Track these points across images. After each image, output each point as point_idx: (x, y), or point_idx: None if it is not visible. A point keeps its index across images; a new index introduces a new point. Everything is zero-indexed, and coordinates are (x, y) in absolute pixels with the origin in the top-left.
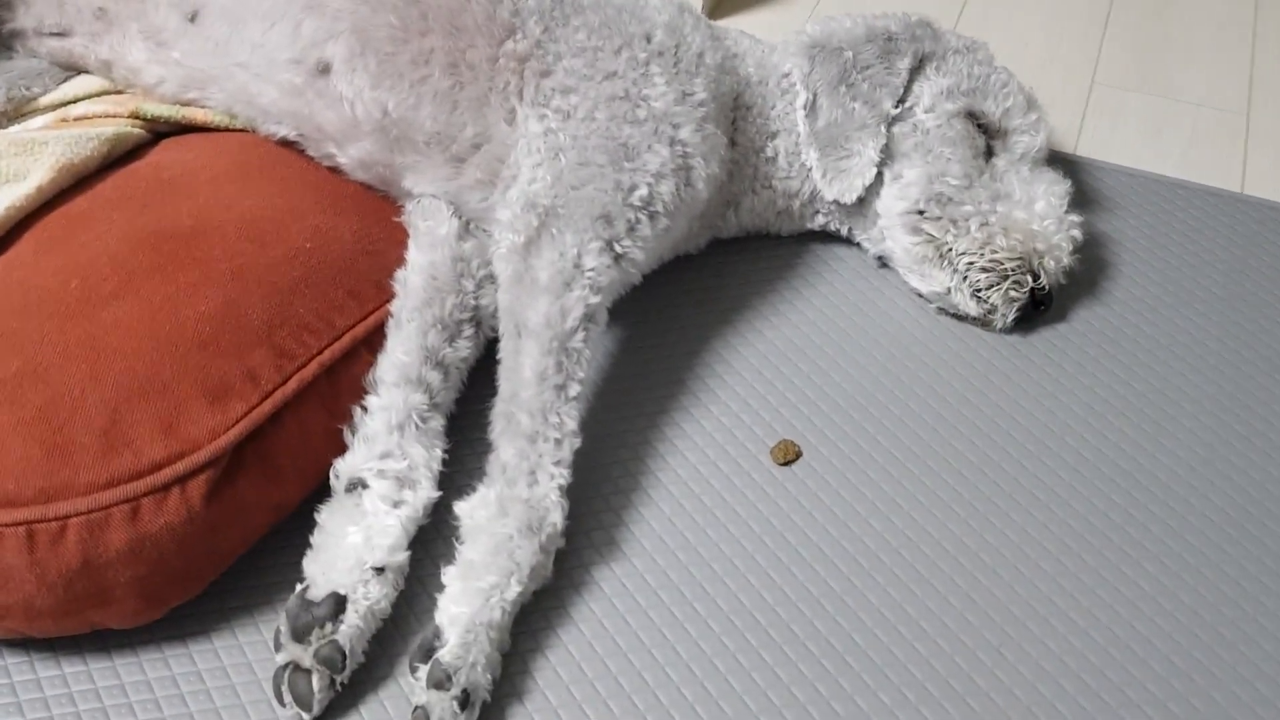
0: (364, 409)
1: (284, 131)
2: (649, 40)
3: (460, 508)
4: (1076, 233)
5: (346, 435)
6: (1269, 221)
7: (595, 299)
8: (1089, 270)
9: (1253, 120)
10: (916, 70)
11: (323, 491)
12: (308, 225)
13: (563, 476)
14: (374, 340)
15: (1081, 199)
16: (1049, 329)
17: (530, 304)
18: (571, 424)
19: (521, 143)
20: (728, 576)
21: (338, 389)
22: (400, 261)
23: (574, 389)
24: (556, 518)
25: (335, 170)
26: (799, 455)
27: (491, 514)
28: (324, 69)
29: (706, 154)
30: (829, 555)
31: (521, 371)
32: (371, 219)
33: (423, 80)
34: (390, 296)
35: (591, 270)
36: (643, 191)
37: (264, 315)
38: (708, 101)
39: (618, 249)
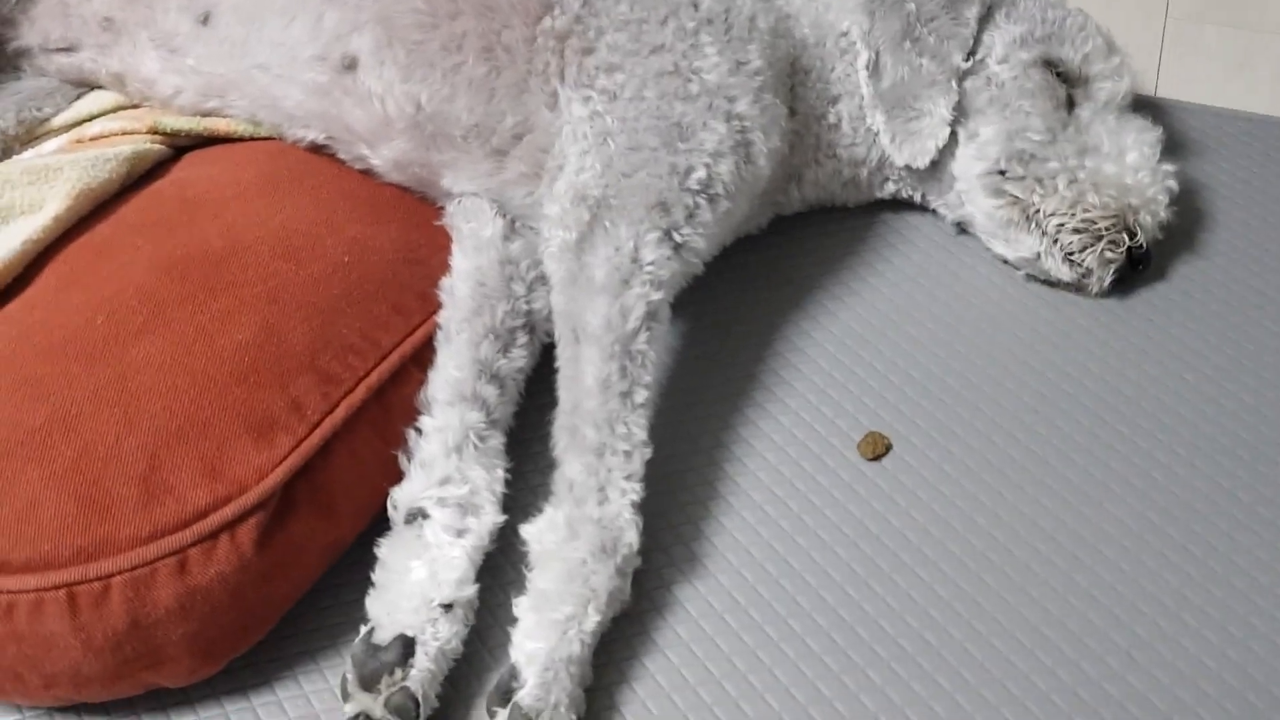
0: (418, 431)
1: (312, 135)
2: (696, 7)
3: (527, 531)
4: (1172, 183)
5: (402, 461)
6: None
7: (657, 295)
8: (1185, 222)
9: None
10: (985, 19)
11: (380, 523)
12: (345, 237)
13: (635, 492)
14: (423, 357)
15: (1169, 145)
16: (1148, 289)
17: (588, 305)
18: (641, 434)
19: (566, 129)
20: (823, 589)
21: (389, 412)
22: (444, 268)
23: (641, 395)
24: (632, 537)
25: (369, 174)
26: (889, 448)
27: (561, 537)
28: (350, 64)
29: (766, 126)
30: (932, 558)
31: (583, 380)
32: (411, 225)
33: (456, 68)
34: (436, 307)
35: (651, 264)
36: (700, 174)
37: (305, 339)
38: (764, 70)
39: (677, 238)
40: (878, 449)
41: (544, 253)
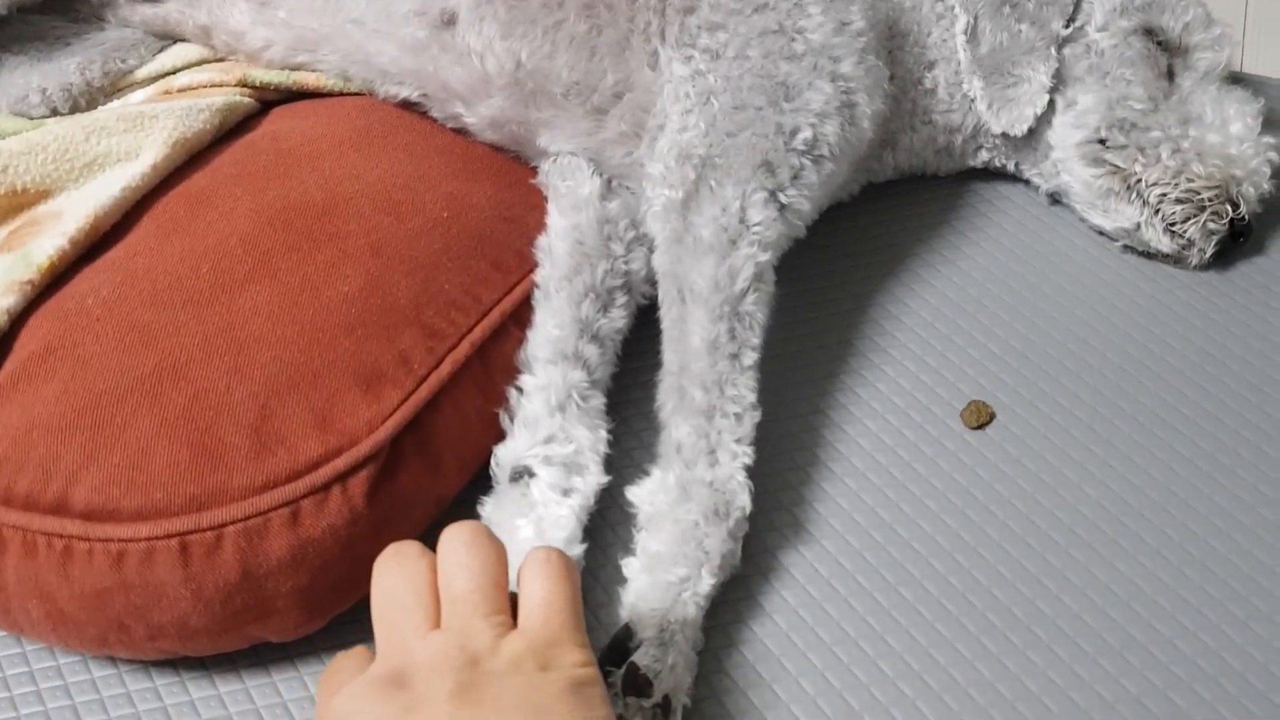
0: (519, 390)
1: (405, 92)
2: None
3: (636, 494)
4: (1274, 155)
5: (504, 419)
6: None
7: (764, 256)
8: None
9: None
10: None
11: (477, 481)
12: (442, 193)
13: (746, 455)
14: (522, 315)
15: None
16: (1247, 263)
17: (694, 266)
18: (750, 396)
19: (668, 88)
20: (932, 556)
21: (490, 370)
22: (540, 227)
23: (749, 357)
24: (744, 500)
25: (461, 132)
26: (993, 417)
27: (673, 499)
28: (449, 20)
29: (870, 88)
30: (1043, 527)
31: (690, 341)
32: (505, 183)
33: (558, 25)
34: (533, 266)
35: (758, 224)
36: (806, 134)
37: (410, 293)
38: (866, 30)
39: (783, 199)
40: (981, 417)
41: (647, 212)
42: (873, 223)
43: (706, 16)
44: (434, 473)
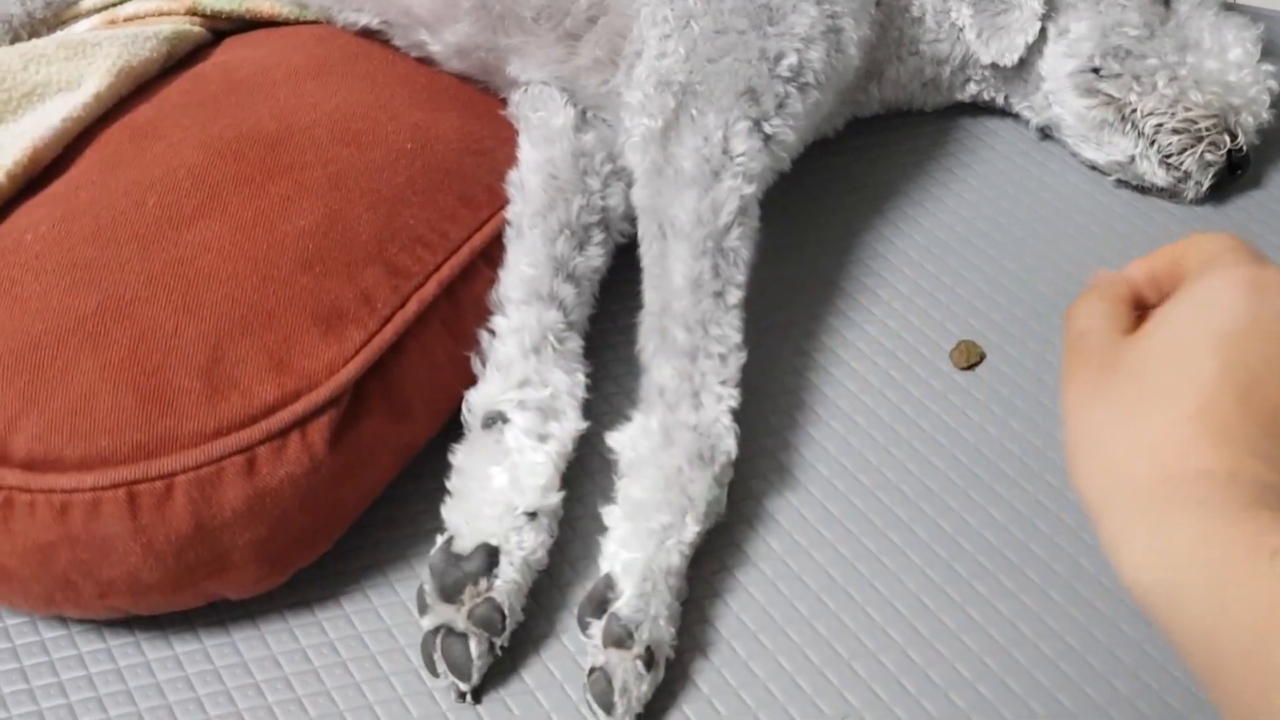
0: (491, 332)
1: (365, 19)
2: None
3: (616, 439)
4: (1274, 84)
5: (475, 363)
6: None
7: (749, 189)
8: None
9: None
10: None
11: (448, 429)
12: (405, 123)
13: (732, 397)
14: (493, 253)
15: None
16: (1243, 197)
17: (676, 199)
18: (735, 336)
19: (645, 12)
20: (921, 500)
21: (460, 310)
22: (511, 161)
23: (734, 295)
24: (730, 444)
25: (425, 61)
26: (983, 357)
27: (656, 444)
28: None
29: (856, 13)
30: (1035, 469)
31: (672, 279)
32: (473, 114)
33: None
34: (505, 201)
35: (742, 155)
36: (791, 59)
37: (371, 228)
38: None
39: (767, 129)
40: (971, 358)
41: (625, 144)
42: (858, 160)
43: None
44: (401, 418)
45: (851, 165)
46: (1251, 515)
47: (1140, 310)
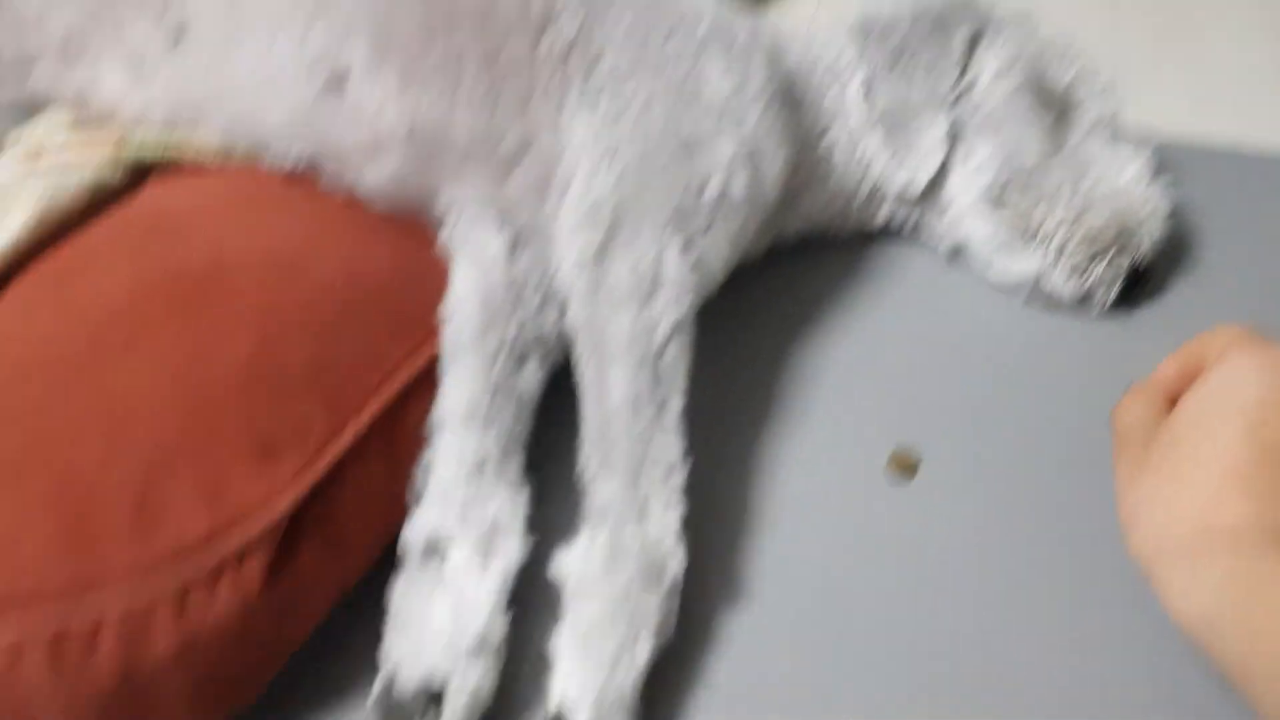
0: (429, 458)
1: (295, 156)
2: (698, 26)
3: (562, 560)
4: (1165, 202)
5: (413, 490)
6: None
7: (683, 306)
8: (1174, 243)
9: None
10: (972, 44)
11: (387, 560)
12: (337, 256)
13: (677, 510)
14: (428, 379)
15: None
16: (1148, 309)
17: (611, 318)
18: (677, 450)
19: (575, 140)
20: (867, 611)
21: (396, 438)
22: (444, 288)
23: (673, 411)
24: (677, 560)
25: (355, 195)
26: (918, 464)
27: (602, 565)
28: (341, 78)
29: (774, 142)
30: (976, 575)
31: (610, 398)
32: (405, 244)
33: (456, 81)
34: (439, 328)
35: (674, 275)
36: (715, 185)
37: (305, 357)
38: (767, 86)
39: (697, 249)
40: (908, 466)
41: (560, 266)
42: (780, 286)
43: (609, 72)
44: (338, 551)
45: (776, 290)
46: (1277, 553)
47: (1173, 402)
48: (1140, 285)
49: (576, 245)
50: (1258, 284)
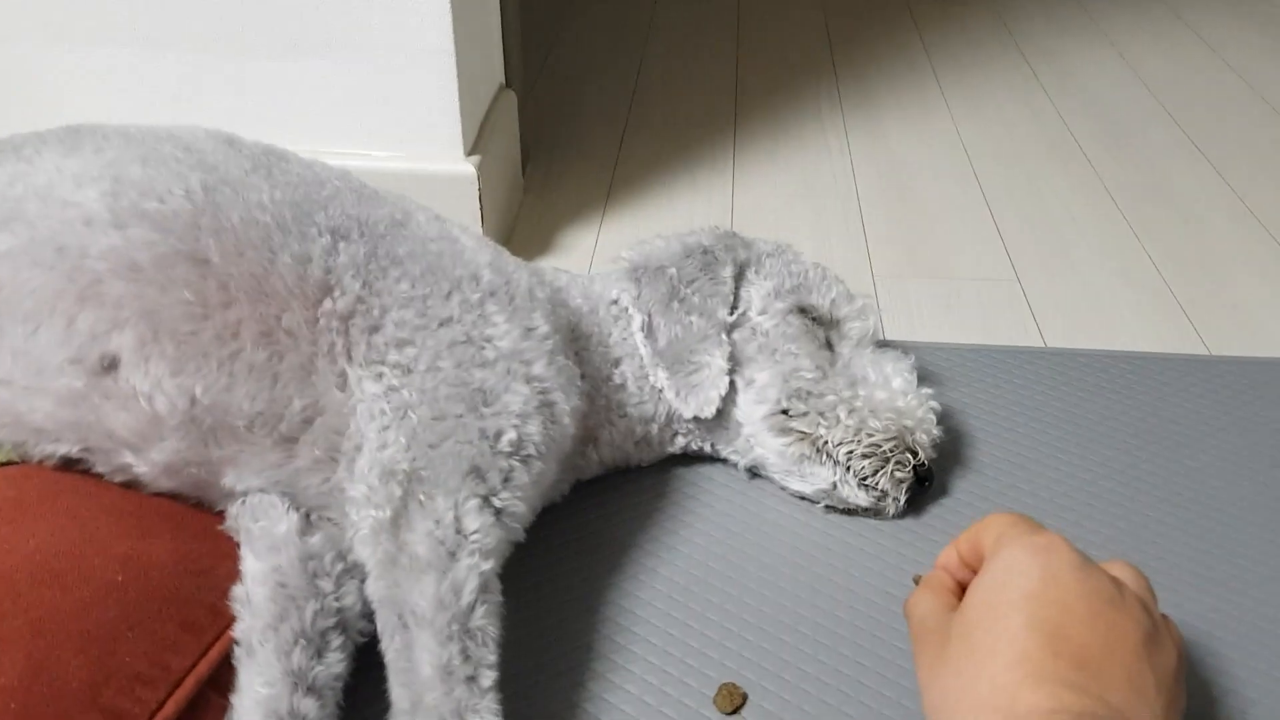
0: None
1: (64, 449)
2: (478, 281)
3: None
4: (935, 404)
5: None
6: (1078, 369)
7: (487, 565)
8: (949, 442)
9: (1025, 285)
10: (739, 277)
11: None
12: (114, 555)
13: None
14: (222, 679)
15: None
16: (937, 505)
17: (414, 586)
18: None
19: (361, 408)
20: None
21: None
22: (233, 577)
23: (488, 677)
24: None
25: (131, 485)
26: (745, 698)
27: None
28: (110, 364)
29: (565, 386)
30: None
31: (420, 670)
32: (187, 535)
33: (234, 356)
34: (230, 621)
35: (475, 532)
36: (511, 435)
37: (83, 673)
38: (551, 334)
39: (497, 503)
40: (734, 701)
41: (354, 538)
42: (589, 520)
43: (393, 334)
44: None
45: (585, 525)
46: None
47: (961, 589)
48: (925, 485)
49: (370, 515)
50: (1025, 467)
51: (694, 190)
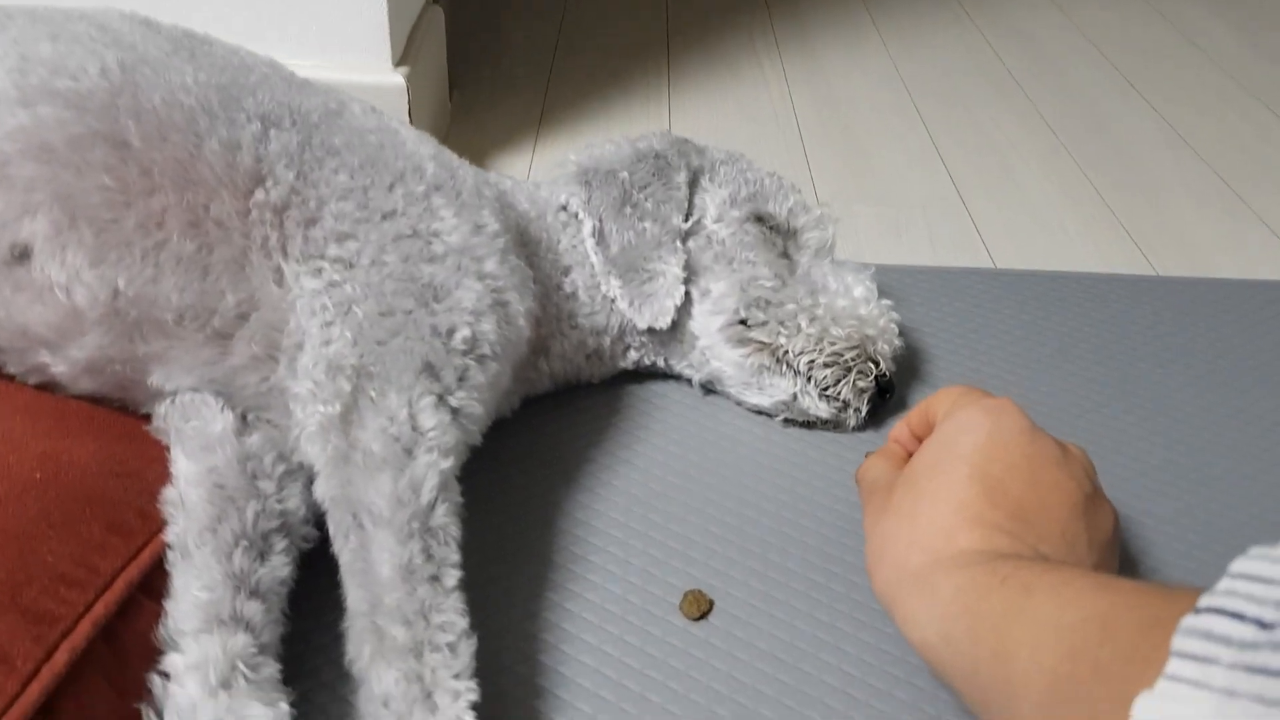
0: (165, 675)
1: None
2: (421, 174)
3: None
4: (896, 315)
5: (148, 716)
6: (1030, 289)
7: (446, 463)
8: (908, 358)
9: (972, 211)
10: (693, 184)
11: None
12: (31, 453)
13: (471, 691)
14: (154, 583)
15: None
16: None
17: (370, 484)
18: (462, 621)
19: (300, 303)
20: None
21: (122, 655)
22: (164, 481)
23: (452, 577)
24: None
25: (48, 387)
26: (712, 604)
27: None
28: (21, 253)
29: (519, 286)
30: (769, 714)
31: (378, 571)
32: (110, 437)
33: (159, 246)
34: (161, 526)
35: (433, 429)
36: (465, 333)
37: (1, 573)
38: (501, 233)
39: (453, 402)
40: (701, 607)
41: (300, 436)
42: (540, 436)
43: (332, 227)
44: None
45: (535, 442)
46: (996, 563)
47: (910, 459)
48: (886, 396)
49: (317, 411)
50: (986, 383)
51: (629, 118)
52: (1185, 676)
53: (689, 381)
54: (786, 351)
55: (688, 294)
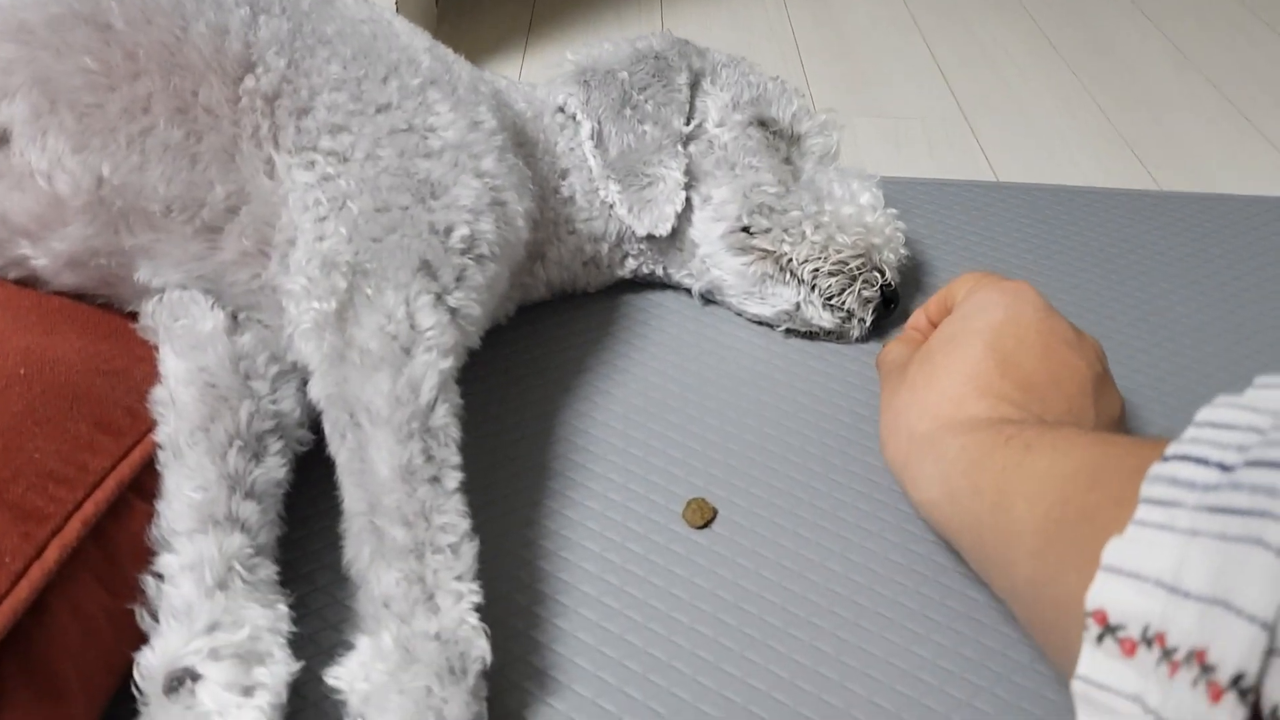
0: (159, 576)
1: None
2: (417, 67)
3: (341, 674)
4: (902, 224)
5: (143, 617)
6: (1034, 202)
7: (445, 363)
8: (912, 270)
9: (974, 124)
10: (694, 86)
11: (121, 699)
12: (14, 348)
13: (474, 593)
14: (145, 482)
15: None
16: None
17: (367, 383)
18: (464, 523)
19: (292, 197)
20: (678, 664)
21: (114, 554)
22: (152, 380)
23: (453, 478)
24: (482, 648)
25: (28, 282)
26: (715, 512)
27: (394, 666)
28: (1, 138)
29: (517, 186)
30: (777, 623)
31: (377, 471)
32: (96, 334)
33: (145, 132)
34: (151, 425)
35: (431, 329)
36: (463, 231)
37: None
38: (499, 130)
39: (451, 302)
40: (705, 514)
41: (294, 334)
42: (536, 344)
43: (325, 118)
44: (52, 699)
45: (531, 350)
46: (1001, 425)
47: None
48: (891, 307)
49: (312, 308)
50: None
51: (620, 27)
52: (1152, 520)
53: (688, 291)
54: (790, 259)
55: (688, 200)
